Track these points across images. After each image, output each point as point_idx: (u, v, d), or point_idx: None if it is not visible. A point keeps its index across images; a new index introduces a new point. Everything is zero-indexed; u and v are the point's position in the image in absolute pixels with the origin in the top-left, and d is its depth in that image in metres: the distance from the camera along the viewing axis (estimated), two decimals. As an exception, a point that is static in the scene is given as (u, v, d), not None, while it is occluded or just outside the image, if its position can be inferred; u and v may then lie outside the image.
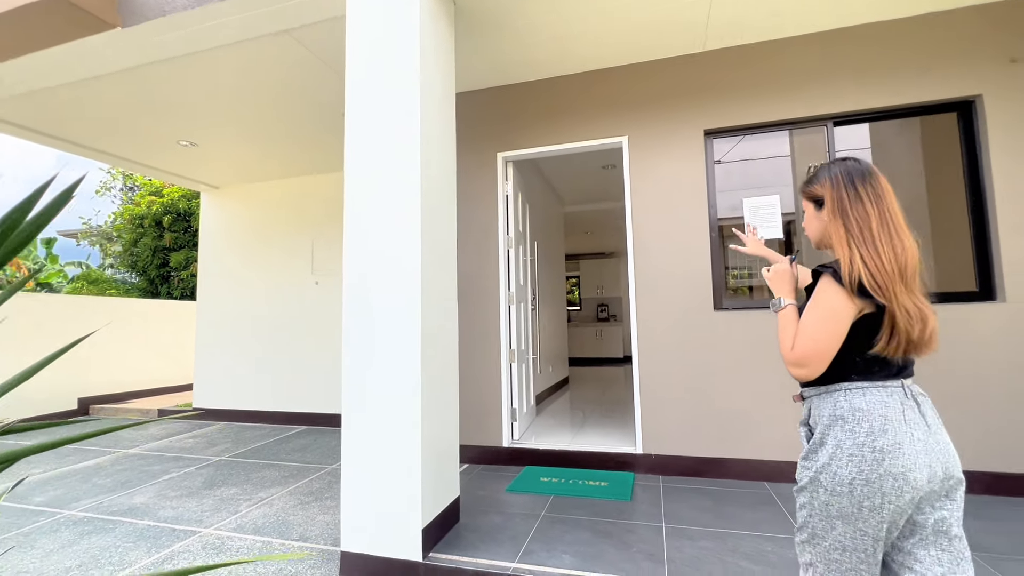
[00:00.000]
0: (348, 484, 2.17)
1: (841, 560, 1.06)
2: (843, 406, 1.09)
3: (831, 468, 1.06)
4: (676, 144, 3.28)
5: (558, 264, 6.95)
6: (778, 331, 1.20)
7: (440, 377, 2.30)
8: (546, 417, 4.58)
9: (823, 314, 1.11)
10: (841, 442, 1.06)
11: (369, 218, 2.23)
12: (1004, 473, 2.62)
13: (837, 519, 1.05)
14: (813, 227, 1.26)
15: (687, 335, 3.15)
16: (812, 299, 1.15)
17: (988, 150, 2.79)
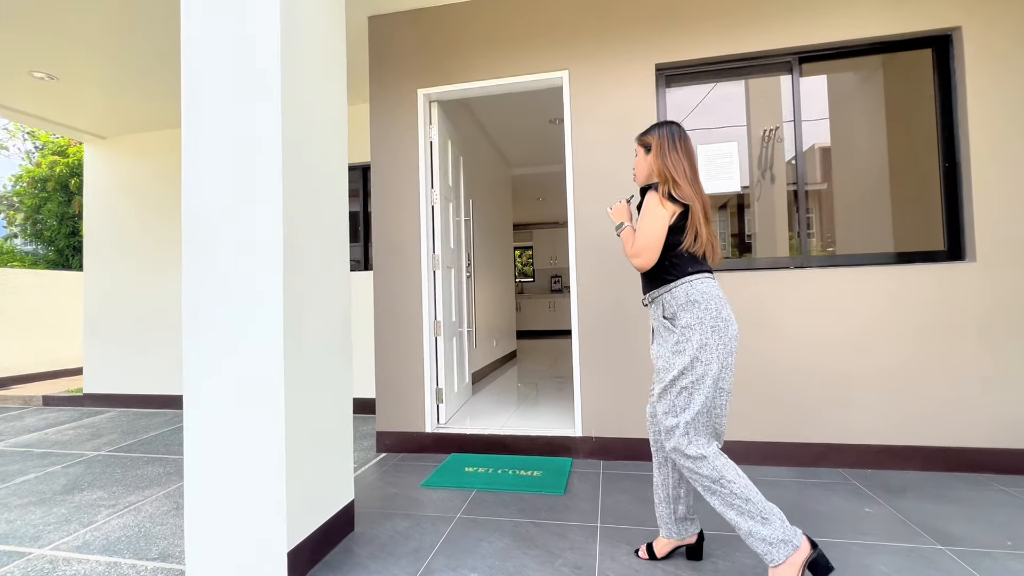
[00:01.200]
0: (192, 491, 1.66)
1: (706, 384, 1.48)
2: (693, 292, 1.52)
3: (704, 340, 1.48)
4: (624, 81, 2.82)
5: (504, 231, 6.46)
6: (623, 243, 1.65)
7: (322, 354, 1.80)
8: (485, 396, 4.17)
9: (649, 215, 1.56)
10: (702, 318, 1.50)
11: (211, 167, 1.67)
12: (979, 448, 2.40)
13: (708, 364, 1.48)
14: (641, 168, 1.70)
15: (633, 306, 2.76)
16: (642, 210, 1.59)
17: (964, 93, 2.48)
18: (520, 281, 11.70)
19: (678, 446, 1.49)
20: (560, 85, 2.95)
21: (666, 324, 1.56)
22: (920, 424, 2.45)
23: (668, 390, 1.53)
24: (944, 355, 2.44)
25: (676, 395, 1.50)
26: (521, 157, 6.56)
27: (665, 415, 1.53)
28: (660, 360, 1.57)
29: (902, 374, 2.48)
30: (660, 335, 1.59)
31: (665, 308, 1.57)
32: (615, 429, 2.76)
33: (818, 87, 2.85)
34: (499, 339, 5.83)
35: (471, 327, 3.89)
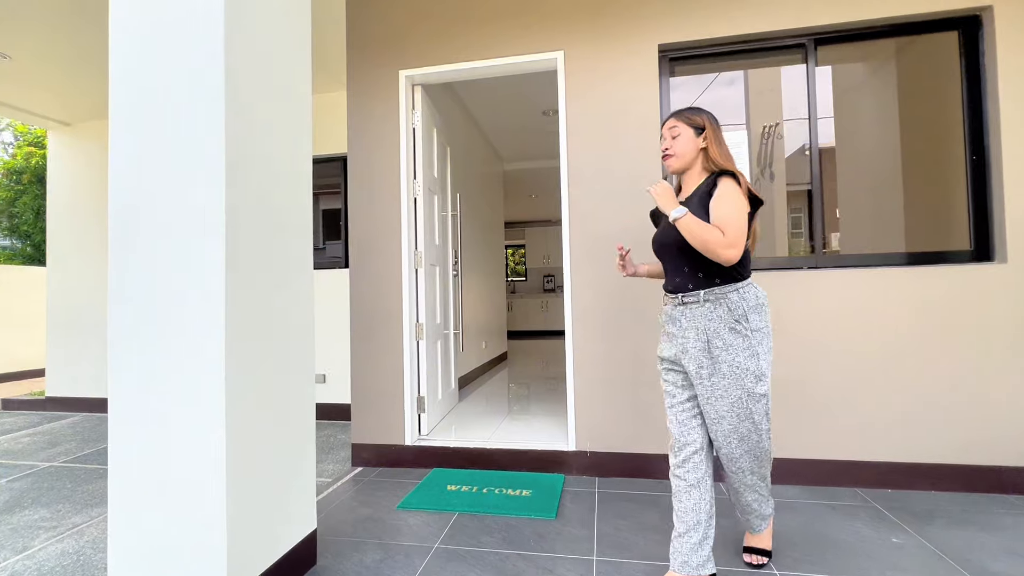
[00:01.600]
0: (116, 525, 1.41)
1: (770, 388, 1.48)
2: (760, 295, 1.47)
3: (770, 346, 1.45)
4: (624, 63, 2.59)
5: (495, 228, 6.21)
6: (691, 231, 1.38)
7: (276, 362, 1.55)
8: (472, 402, 3.92)
9: (739, 204, 1.39)
10: (768, 323, 1.46)
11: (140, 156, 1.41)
12: (1010, 467, 2.20)
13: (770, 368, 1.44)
14: (688, 148, 1.53)
15: (633, 309, 2.53)
16: (723, 196, 1.40)
17: (995, 78, 2.27)
18: (512, 280, 11.46)
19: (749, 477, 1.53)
20: (554, 68, 2.71)
21: (735, 327, 1.41)
22: (945, 440, 2.24)
23: (744, 404, 1.42)
24: (972, 365, 2.23)
25: (756, 403, 1.43)
26: (513, 151, 6.31)
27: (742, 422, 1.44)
28: (724, 365, 1.42)
29: (924, 385, 2.26)
30: (722, 338, 1.42)
31: (733, 308, 1.42)
32: (612, 443, 2.53)
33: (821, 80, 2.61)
34: (489, 341, 5.58)
35: (457, 329, 3.64)
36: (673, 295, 1.53)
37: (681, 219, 1.39)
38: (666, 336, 1.57)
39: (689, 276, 1.48)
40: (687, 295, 1.48)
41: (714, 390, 1.43)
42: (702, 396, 1.45)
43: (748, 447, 1.46)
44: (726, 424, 1.44)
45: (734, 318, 1.41)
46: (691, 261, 1.47)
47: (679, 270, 1.51)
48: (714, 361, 1.42)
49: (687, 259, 1.48)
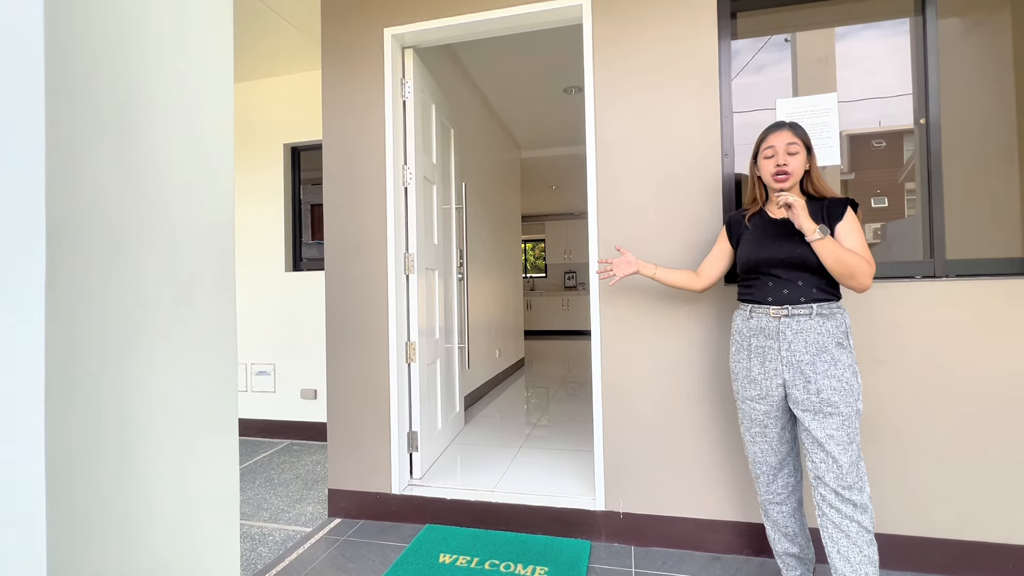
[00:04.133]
0: None
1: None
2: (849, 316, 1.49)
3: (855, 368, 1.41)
4: (670, 13, 1.98)
5: (511, 222, 5.65)
6: (837, 253, 1.36)
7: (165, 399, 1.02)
8: (481, 427, 3.39)
9: (863, 236, 1.43)
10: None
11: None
12: None
13: None
14: (800, 169, 1.50)
15: (682, 324, 1.95)
16: (854, 225, 1.44)
17: None
18: (531, 277, 10.90)
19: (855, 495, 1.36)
20: (578, 21, 2.12)
21: (842, 342, 1.41)
22: None
23: (852, 422, 1.37)
24: None
25: (858, 421, 1.39)
26: (532, 137, 5.72)
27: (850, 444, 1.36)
28: (833, 380, 1.38)
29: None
30: (830, 353, 1.39)
31: (839, 323, 1.42)
32: (654, 503, 1.96)
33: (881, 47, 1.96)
34: (504, 347, 5.04)
35: (463, 343, 3.10)
36: (778, 306, 1.47)
37: (824, 240, 1.38)
38: (755, 353, 1.50)
39: (803, 289, 1.45)
40: (797, 307, 1.44)
41: (823, 407, 1.38)
42: (808, 415, 1.40)
43: (859, 474, 1.36)
44: (834, 444, 1.36)
45: (842, 332, 1.41)
46: (809, 276, 1.44)
47: (790, 283, 1.46)
48: (825, 377, 1.39)
49: (804, 273, 1.44)
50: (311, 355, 3.40)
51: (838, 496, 1.36)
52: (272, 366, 3.53)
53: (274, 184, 3.58)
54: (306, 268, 3.65)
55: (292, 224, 3.65)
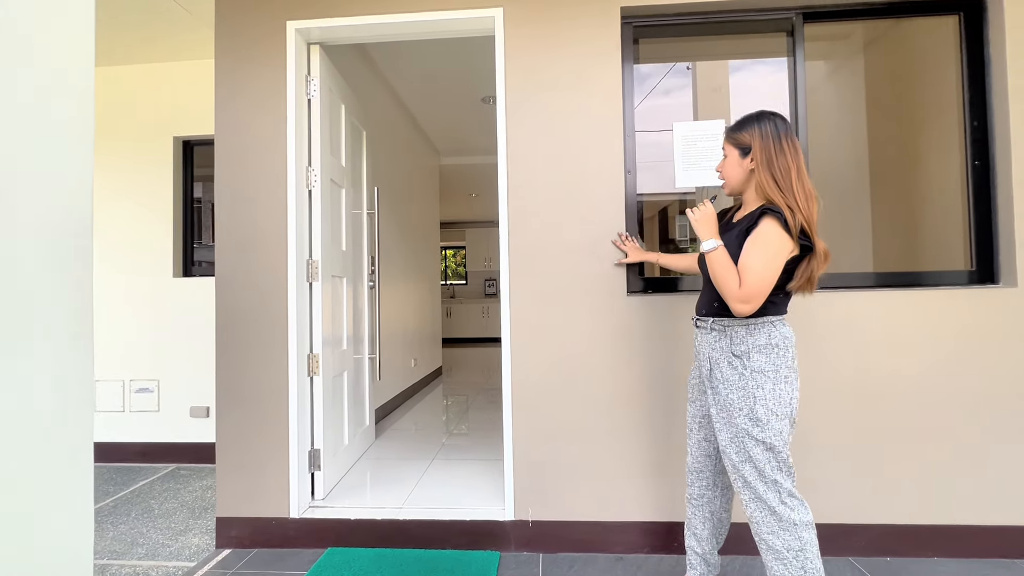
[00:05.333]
0: None
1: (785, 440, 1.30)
2: (776, 336, 1.32)
3: (776, 391, 1.29)
4: (580, 28, 2.06)
5: (430, 228, 5.57)
6: (713, 270, 1.32)
7: None
8: (393, 440, 3.27)
9: (772, 252, 1.27)
10: (778, 365, 1.30)
11: None
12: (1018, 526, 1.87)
13: (782, 419, 1.30)
14: (735, 173, 1.43)
15: (589, 333, 2.01)
16: (757, 239, 1.29)
17: (1003, 72, 1.94)
18: (451, 284, 10.82)
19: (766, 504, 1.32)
20: (491, 29, 2.14)
21: (732, 362, 1.34)
22: (952, 497, 1.89)
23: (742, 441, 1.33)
24: (978, 408, 1.89)
25: (755, 446, 1.31)
26: (451, 144, 5.69)
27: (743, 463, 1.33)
28: (719, 397, 1.36)
29: (928, 431, 1.90)
30: (721, 370, 1.37)
31: (735, 343, 1.35)
32: (562, 509, 1.99)
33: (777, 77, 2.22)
34: (420, 356, 4.93)
35: (374, 354, 2.99)
36: (696, 316, 1.49)
37: (711, 253, 1.33)
38: (694, 359, 1.54)
39: (707, 301, 1.44)
40: (700, 319, 1.45)
41: (717, 420, 1.38)
42: (714, 423, 1.41)
43: (753, 495, 1.32)
44: (727, 460, 1.37)
45: (733, 353, 1.34)
46: (711, 288, 1.42)
47: (704, 293, 1.46)
48: (714, 391, 1.38)
49: (711, 285, 1.41)
50: (204, 369, 3.10)
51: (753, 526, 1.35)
52: (156, 382, 3.17)
53: (162, 180, 3.24)
54: (200, 273, 3.34)
55: (183, 225, 3.32)
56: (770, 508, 1.30)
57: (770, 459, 1.30)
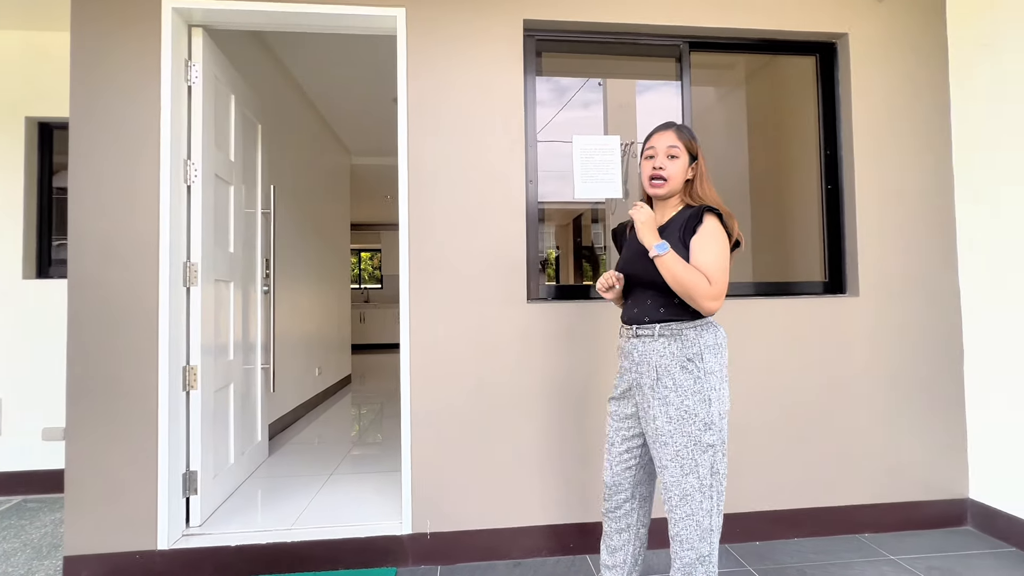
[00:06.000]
0: None
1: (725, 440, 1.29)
2: (720, 336, 1.33)
3: (723, 391, 1.30)
4: (483, 35, 2.07)
5: (338, 230, 5.33)
6: (673, 272, 1.26)
7: None
8: (289, 455, 3.07)
9: (724, 249, 1.30)
10: (723, 366, 1.32)
11: None
12: (863, 505, 2.12)
13: (725, 419, 1.29)
14: (680, 177, 1.40)
15: (490, 340, 2.01)
16: (707, 237, 1.29)
17: (849, 107, 2.23)
18: (365, 288, 10.43)
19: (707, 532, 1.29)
20: (393, 29, 2.09)
21: (686, 365, 1.30)
22: (804, 483, 2.12)
23: (690, 452, 1.27)
24: (826, 403, 2.14)
25: (701, 454, 1.27)
26: (363, 144, 5.50)
27: (685, 476, 1.27)
28: (671, 407, 1.29)
29: (787, 426, 2.12)
30: (673, 376, 1.29)
31: (687, 346, 1.31)
32: (461, 519, 1.97)
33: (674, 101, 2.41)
34: (326, 365, 4.68)
35: (268, 363, 2.78)
36: (628, 326, 1.40)
37: (666, 255, 1.27)
38: (619, 372, 1.45)
39: (650, 308, 1.36)
40: (642, 327, 1.36)
41: (658, 435, 1.30)
42: (649, 440, 1.34)
43: (689, 510, 1.28)
44: (667, 475, 1.30)
45: (687, 356, 1.29)
46: (657, 294, 1.35)
47: (641, 301, 1.39)
48: (664, 402, 1.30)
49: (653, 291, 1.36)
50: (62, 386, 2.70)
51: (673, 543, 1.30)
52: (-4, 401, 2.72)
53: (11, 167, 2.80)
54: (60, 275, 2.91)
55: (37, 219, 2.89)
56: (697, 522, 1.27)
57: (712, 464, 1.27)
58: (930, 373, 2.19)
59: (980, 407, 2.14)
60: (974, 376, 2.16)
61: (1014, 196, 1.99)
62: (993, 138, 2.07)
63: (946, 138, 2.24)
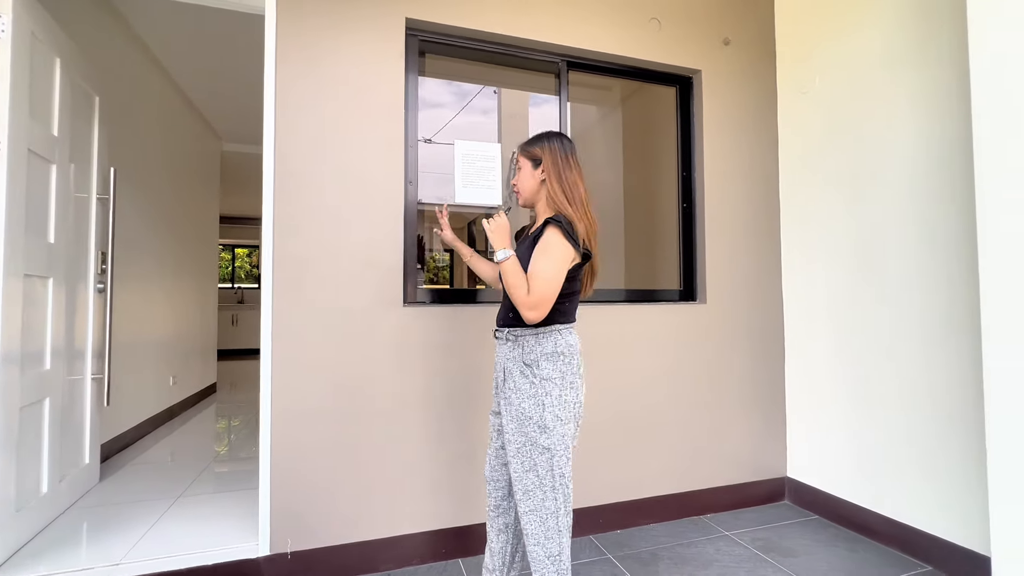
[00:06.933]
0: None
1: (567, 444, 1.33)
2: (562, 344, 1.37)
3: (563, 397, 1.34)
4: (362, 30, 2.00)
5: (204, 222, 4.80)
6: (506, 279, 1.34)
7: None
8: (129, 476, 2.68)
9: (555, 259, 1.32)
10: (564, 372, 1.35)
11: None
12: (704, 489, 2.38)
13: (566, 424, 1.34)
14: (529, 184, 1.48)
15: (363, 344, 1.94)
16: (540, 247, 1.34)
17: (701, 135, 2.51)
18: (240, 288, 9.52)
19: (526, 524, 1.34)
20: (261, 8, 1.93)
21: (524, 371, 1.36)
22: (663, 473, 2.33)
23: (528, 452, 1.33)
24: (680, 398, 2.39)
25: (539, 455, 1.32)
26: (236, 129, 5.02)
27: (526, 473, 1.33)
28: (512, 407, 1.36)
29: (645, 422, 2.32)
30: (514, 379, 1.37)
31: (526, 352, 1.37)
32: (325, 534, 1.86)
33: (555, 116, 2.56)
34: (182, 373, 4.18)
35: (101, 372, 2.41)
36: (495, 328, 1.49)
37: (504, 262, 1.35)
38: None
39: (503, 312, 1.46)
40: (498, 330, 1.46)
41: (505, 432, 1.38)
42: (504, 434, 1.40)
43: (532, 505, 1.33)
44: (512, 470, 1.37)
45: (524, 362, 1.36)
46: (508, 299, 1.44)
47: (503, 305, 1.48)
48: (507, 402, 1.38)
49: (507, 297, 1.44)
50: None
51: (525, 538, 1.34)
52: None
53: None
54: None
55: None
56: (541, 519, 1.31)
57: (552, 466, 1.31)
58: (759, 371, 2.53)
59: (795, 400, 2.52)
60: (792, 374, 2.55)
61: (821, 220, 2.38)
62: (808, 171, 2.46)
63: (775, 169, 2.62)
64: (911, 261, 2.00)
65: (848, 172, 2.25)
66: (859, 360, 2.20)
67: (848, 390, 2.25)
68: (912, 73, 2.00)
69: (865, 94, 2.18)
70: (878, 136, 2.12)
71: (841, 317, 2.28)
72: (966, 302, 1.81)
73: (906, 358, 2.02)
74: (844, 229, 2.26)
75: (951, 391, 1.87)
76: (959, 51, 1.83)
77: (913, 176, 1.99)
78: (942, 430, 1.89)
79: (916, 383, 1.98)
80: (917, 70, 1.98)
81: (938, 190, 1.91)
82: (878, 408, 2.12)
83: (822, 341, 2.37)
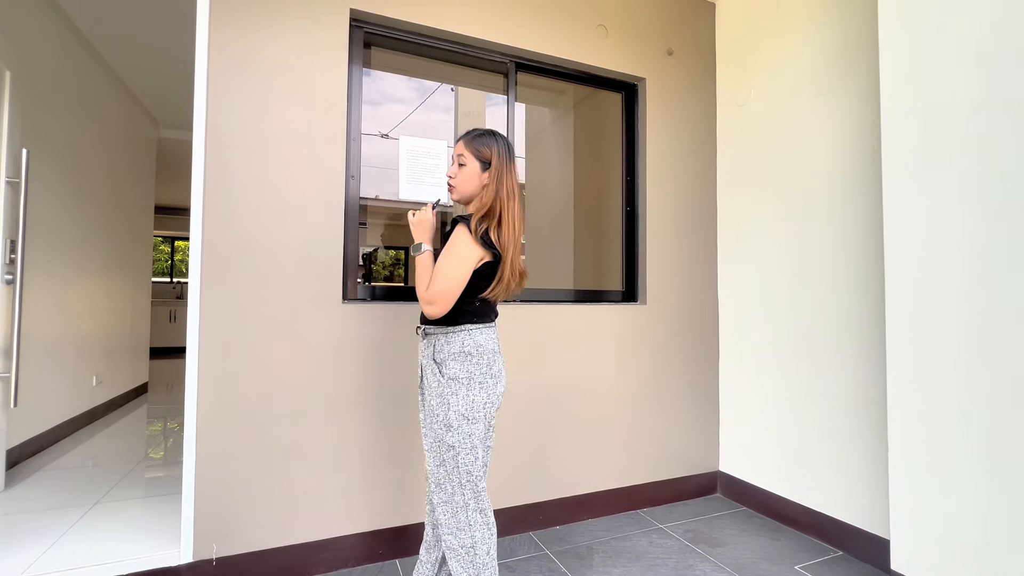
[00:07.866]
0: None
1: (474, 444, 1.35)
2: (469, 344, 1.38)
3: (470, 397, 1.35)
4: (305, 17, 1.94)
5: (138, 212, 4.52)
6: (417, 273, 1.39)
7: None
8: (41, 484, 2.49)
9: (458, 257, 1.34)
10: (471, 373, 1.37)
11: None
12: (642, 484, 2.45)
13: (474, 423, 1.35)
14: (472, 184, 1.45)
15: (299, 342, 1.88)
16: (448, 245, 1.36)
17: (644, 141, 2.59)
18: (180, 282, 9.03)
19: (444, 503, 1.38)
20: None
21: (433, 369, 1.39)
22: (602, 469, 2.39)
23: (439, 449, 1.38)
24: (621, 398, 2.45)
25: (447, 451, 1.36)
26: (174, 115, 4.76)
27: (438, 467, 1.38)
28: (425, 404, 1.43)
29: (587, 419, 2.37)
30: (427, 376, 1.42)
31: (437, 351, 1.40)
32: (254, 537, 1.79)
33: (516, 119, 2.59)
34: (108, 372, 3.91)
35: (8, 371, 2.22)
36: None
37: (418, 256, 1.40)
38: None
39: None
40: (417, 327, 1.48)
41: (423, 425, 1.44)
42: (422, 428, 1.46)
43: (444, 497, 1.38)
44: (427, 462, 1.42)
45: (435, 360, 1.40)
46: None
47: None
48: (423, 398, 1.44)
49: None
50: None
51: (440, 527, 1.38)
52: None
53: None
54: None
55: None
56: (453, 511, 1.35)
57: (457, 464, 1.34)
58: (695, 369, 2.64)
59: (727, 397, 2.64)
60: (725, 372, 2.67)
61: (754, 225, 2.50)
62: (743, 179, 2.58)
63: (713, 175, 2.74)
64: (825, 266, 2.14)
65: (778, 181, 2.38)
66: (781, 358, 2.33)
67: (771, 387, 2.38)
68: (832, 95, 2.15)
69: (793, 110, 2.31)
70: (802, 149, 2.26)
71: (767, 318, 2.41)
72: (874, 304, 1.95)
73: (819, 357, 2.16)
74: (774, 234, 2.39)
75: (858, 388, 2.01)
76: (873, 79, 1.98)
77: (829, 187, 2.14)
78: (851, 425, 2.04)
79: (828, 381, 2.13)
80: (836, 92, 2.13)
81: (852, 200, 2.05)
82: (797, 404, 2.25)
83: (750, 340, 2.50)
